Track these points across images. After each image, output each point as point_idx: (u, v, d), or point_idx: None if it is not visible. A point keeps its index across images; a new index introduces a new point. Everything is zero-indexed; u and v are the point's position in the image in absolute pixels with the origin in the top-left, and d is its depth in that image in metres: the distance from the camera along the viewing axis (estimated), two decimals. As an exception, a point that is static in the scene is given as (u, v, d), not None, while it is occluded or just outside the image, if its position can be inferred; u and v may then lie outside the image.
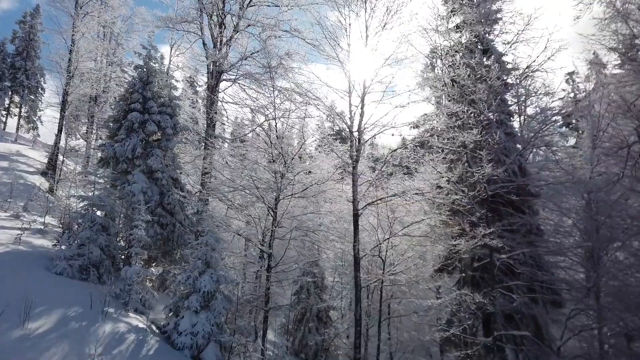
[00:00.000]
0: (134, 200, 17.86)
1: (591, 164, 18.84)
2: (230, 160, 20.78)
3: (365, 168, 18.53)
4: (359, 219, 17.26)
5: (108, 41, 36.78)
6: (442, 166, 17.45)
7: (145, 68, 20.57)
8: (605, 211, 16.15)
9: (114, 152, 18.95)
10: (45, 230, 19.05)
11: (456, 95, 17.96)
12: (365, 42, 17.82)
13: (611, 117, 18.20)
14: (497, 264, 15.42)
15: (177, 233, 19.37)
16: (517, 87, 19.07)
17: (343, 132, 18.20)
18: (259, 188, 17.37)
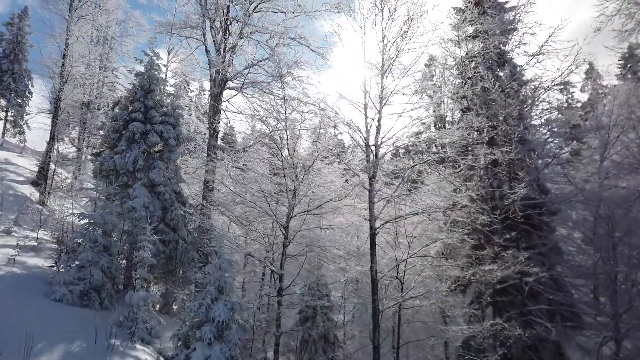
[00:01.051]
0: (135, 216, 16.79)
1: (599, 177, 18.30)
2: (236, 172, 19.69)
3: (382, 184, 17.59)
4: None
5: (101, 45, 35.60)
6: (465, 184, 16.62)
7: (147, 75, 19.54)
8: (623, 228, 15.55)
9: (114, 165, 17.86)
10: (39, 247, 17.89)
11: (481, 109, 17.18)
12: (382, 51, 16.99)
13: (620, 130, 17.71)
14: (526, 288, 14.60)
15: (180, 250, 18.31)
16: (536, 100, 18.33)
17: (357, 146, 17.19)
18: (269, 203, 16.36)
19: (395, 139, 16.59)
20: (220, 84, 22.78)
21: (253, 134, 22.22)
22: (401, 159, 17.35)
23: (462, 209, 15.93)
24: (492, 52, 18.94)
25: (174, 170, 19.46)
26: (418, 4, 15.76)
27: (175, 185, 19.32)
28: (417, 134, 18.10)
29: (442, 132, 16.58)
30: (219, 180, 19.79)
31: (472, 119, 16.28)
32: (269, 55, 21.33)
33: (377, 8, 17.18)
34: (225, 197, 21.36)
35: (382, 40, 16.99)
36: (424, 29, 16.84)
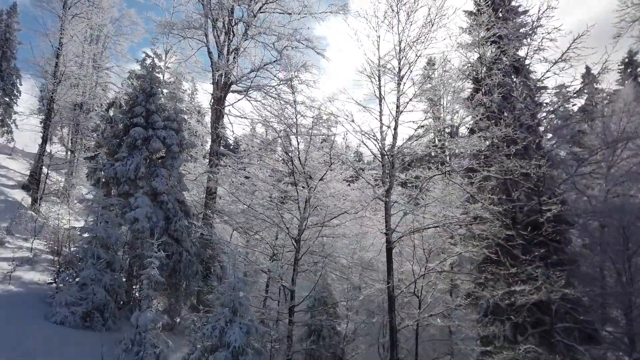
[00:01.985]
0: (137, 228, 15.85)
1: (605, 185, 17.79)
2: (242, 180, 18.85)
3: (397, 195, 16.82)
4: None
5: (95, 44, 34.44)
6: (488, 196, 15.89)
7: (149, 78, 18.60)
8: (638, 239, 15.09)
9: (115, 172, 16.89)
10: (35, 260, 16.95)
11: (500, 118, 16.48)
12: (398, 55, 16.23)
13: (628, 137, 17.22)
14: (553, 307, 13.94)
15: (184, 263, 17.38)
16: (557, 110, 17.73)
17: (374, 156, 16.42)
18: (281, 214, 15.56)
19: (412, 147, 15.90)
20: (223, 87, 21.89)
21: (258, 139, 21.30)
22: (418, 169, 16.57)
23: (483, 223, 15.19)
24: (510, 58, 18.29)
25: (177, 177, 18.52)
26: (438, 6, 15.00)
27: (178, 194, 18.39)
28: (434, 144, 17.22)
29: (461, 140, 15.81)
30: (226, 190, 18.84)
31: (494, 128, 15.60)
32: (276, 58, 20.45)
33: (393, 11, 16.45)
34: (230, 206, 20.55)
35: (398, 45, 16.26)
36: (447, 33, 16.24)
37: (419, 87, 15.46)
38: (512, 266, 15.95)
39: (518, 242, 15.50)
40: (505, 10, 20.07)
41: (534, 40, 18.11)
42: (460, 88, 18.38)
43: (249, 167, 20.93)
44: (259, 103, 21.26)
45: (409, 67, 15.68)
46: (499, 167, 14.72)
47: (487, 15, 17.55)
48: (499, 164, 14.72)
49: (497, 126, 16.07)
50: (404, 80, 16.03)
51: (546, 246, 16.40)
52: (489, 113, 16.95)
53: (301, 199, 16.05)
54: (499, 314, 17.05)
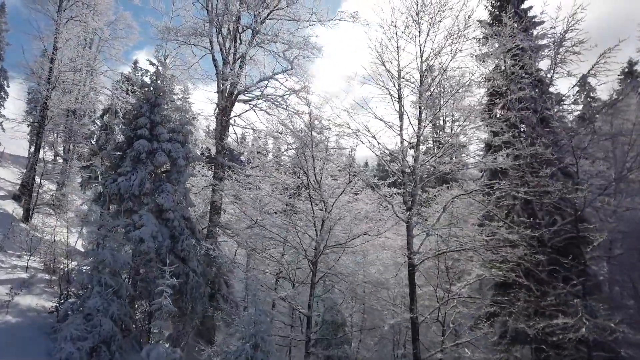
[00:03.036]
0: (143, 249, 14.85)
1: (615, 197, 17.24)
2: (252, 195, 17.93)
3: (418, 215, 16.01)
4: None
5: (89, 48, 33.23)
6: (515, 218, 15.15)
7: (153, 87, 17.63)
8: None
9: (118, 188, 15.86)
10: (31, 281, 15.81)
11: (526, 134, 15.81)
12: (419, 67, 15.47)
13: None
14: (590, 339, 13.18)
15: (191, 285, 16.37)
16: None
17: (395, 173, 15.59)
18: (298, 234, 14.68)
19: (435, 165, 15.12)
20: (228, 97, 20.95)
21: (268, 152, 20.40)
22: (439, 187, 15.81)
23: (512, 246, 14.42)
24: (531, 70, 17.61)
25: (182, 193, 17.53)
26: (466, 17, 14.29)
27: (184, 210, 17.40)
28: (460, 161, 16.46)
29: (487, 158, 15.03)
30: (236, 206, 17.87)
31: (522, 145, 14.90)
32: (286, 68, 19.56)
33: (414, 21, 15.70)
34: (237, 222, 19.61)
35: (420, 56, 15.50)
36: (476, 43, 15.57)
37: (446, 100, 14.60)
38: (538, 290, 15.31)
39: (545, 266, 14.87)
40: (526, 21, 19.47)
41: (558, 53, 17.44)
42: (461, 96, 17.42)
43: (257, 181, 20.10)
44: (269, 114, 20.34)
45: (433, 79, 14.92)
46: (534, 188, 13.96)
47: (510, 27, 16.83)
48: (533, 185, 13.99)
49: (522, 143, 15.46)
50: (426, 93, 15.32)
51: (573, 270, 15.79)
52: (512, 129, 16.26)
53: (317, 218, 15.17)
54: (521, 339, 16.39)
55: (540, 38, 19.22)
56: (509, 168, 14.86)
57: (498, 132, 15.31)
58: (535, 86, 18.00)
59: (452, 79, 14.98)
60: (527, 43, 17.86)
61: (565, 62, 17.78)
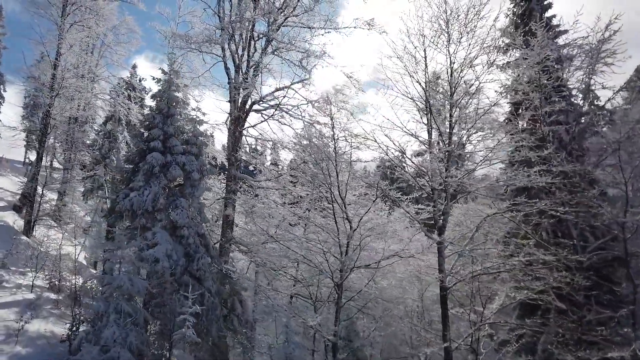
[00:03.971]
0: (157, 269, 13.98)
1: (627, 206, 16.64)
2: (268, 211, 17.12)
3: (452, 233, 15.23)
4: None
5: (91, 53, 32.33)
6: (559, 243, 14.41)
7: (166, 97, 16.79)
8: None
9: (131, 204, 15.00)
10: (37, 303, 14.90)
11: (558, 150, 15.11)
12: (449, 78, 14.74)
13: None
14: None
15: (207, 306, 15.47)
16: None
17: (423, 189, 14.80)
18: (325, 253, 13.86)
19: (469, 181, 14.35)
20: (241, 107, 20.13)
21: (284, 165, 19.59)
22: (470, 204, 15.06)
23: (549, 268, 13.68)
24: (560, 82, 16.95)
25: (197, 208, 16.68)
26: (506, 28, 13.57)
27: (198, 227, 16.55)
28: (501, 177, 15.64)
29: (518, 174, 14.23)
30: (252, 219, 17.06)
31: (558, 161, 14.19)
32: (305, 77, 18.78)
33: (443, 30, 15.00)
34: (252, 237, 18.82)
35: (449, 67, 14.78)
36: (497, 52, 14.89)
37: (481, 115, 13.84)
38: (574, 314, 14.60)
39: (582, 289, 14.15)
40: (550, 30, 18.80)
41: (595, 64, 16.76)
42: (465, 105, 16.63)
43: (272, 194, 19.32)
44: (283, 124, 19.53)
45: (467, 91, 14.18)
46: (576, 208, 13.22)
47: (540, 38, 16.13)
48: (573, 203, 13.26)
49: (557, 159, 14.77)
50: (457, 105, 14.59)
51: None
52: (542, 143, 15.53)
53: (342, 237, 14.36)
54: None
55: (569, 47, 18.55)
56: (545, 185, 14.12)
57: (529, 147, 14.52)
58: (564, 97, 17.38)
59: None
60: (556, 54, 17.29)
61: (596, 74, 17.21)
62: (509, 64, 19.58)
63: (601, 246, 14.68)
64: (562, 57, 17.17)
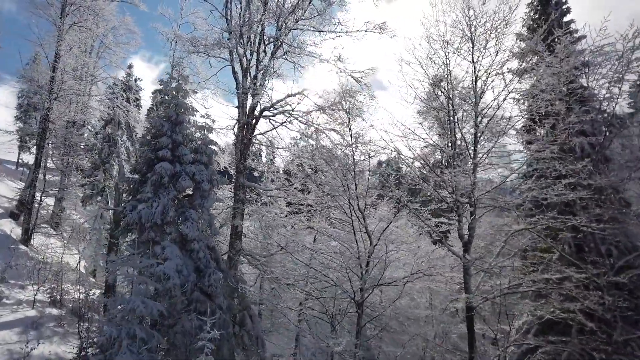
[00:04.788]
0: (169, 287, 13.24)
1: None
2: (283, 222, 16.43)
3: (479, 249, 14.60)
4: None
5: (89, 54, 31.44)
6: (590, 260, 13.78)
7: (174, 103, 16.05)
8: None
9: (139, 217, 14.26)
10: (40, 322, 14.15)
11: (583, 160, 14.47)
12: (474, 85, 14.14)
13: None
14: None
15: (218, 324, 14.73)
16: None
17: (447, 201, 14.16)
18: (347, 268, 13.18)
19: (493, 194, 13.73)
20: (250, 112, 19.39)
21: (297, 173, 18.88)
22: (497, 220, 14.44)
23: (577, 287, 13.07)
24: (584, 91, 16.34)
25: (207, 220, 15.94)
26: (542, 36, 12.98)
27: (209, 239, 15.82)
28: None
29: (549, 190, 13.60)
30: (262, 230, 16.35)
31: (587, 174, 13.57)
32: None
33: (467, 37, 14.40)
34: (262, 249, 18.11)
35: (474, 74, 14.18)
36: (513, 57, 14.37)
37: (511, 126, 13.21)
38: (603, 333, 14.01)
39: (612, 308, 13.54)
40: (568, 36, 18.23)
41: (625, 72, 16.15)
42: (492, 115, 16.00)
43: (282, 203, 18.65)
44: (293, 131, 18.86)
45: (496, 101, 13.56)
46: (610, 224, 12.62)
47: (563, 45, 15.53)
48: (606, 220, 12.66)
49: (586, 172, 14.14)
50: (482, 116, 13.98)
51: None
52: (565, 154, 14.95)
53: (362, 253, 13.70)
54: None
55: (593, 54, 17.96)
56: (576, 199, 13.54)
57: (558, 158, 13.93)
58: (585, 104, 16.81)
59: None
60: (579, 61, 16.71)
61: (622, 82, 16.63)
62: (526, 70, 19.04)
63: (630, 263, 14.11)
64: (584, 64, 16.59)
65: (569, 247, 16.37)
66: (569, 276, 12.99)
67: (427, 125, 16.74)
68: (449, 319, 17.93)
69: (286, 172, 20.02)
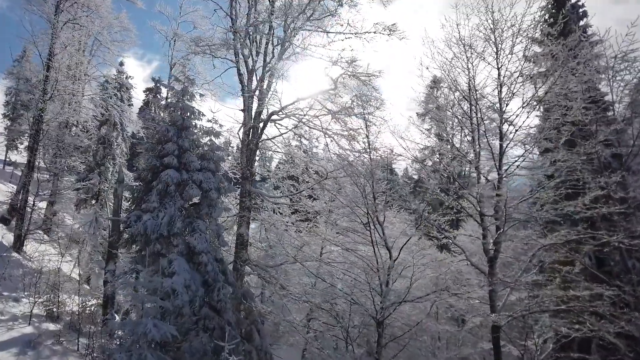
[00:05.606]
0: (177, 304, 12.41)
1: None
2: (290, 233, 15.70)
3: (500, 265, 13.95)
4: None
5: (82, 53, 30.31)
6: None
7: (180, 107, 15.22)
8: None
9: (145, 229, 13.42)
10: (38, 341, 13.25)
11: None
12: (498, 91, 13.50)
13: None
14: None
15: (228, 341, 13.94)
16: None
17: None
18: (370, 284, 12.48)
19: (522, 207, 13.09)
20: (256, 116, 18.56)
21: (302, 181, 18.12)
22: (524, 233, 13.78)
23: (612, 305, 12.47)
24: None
25: (215, 231, 15.13)
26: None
27: (217, 251, 15.01)
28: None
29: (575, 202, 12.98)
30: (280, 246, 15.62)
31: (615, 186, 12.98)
32: (331, 87, 17.30)
33: (488, 40, 13.76)
34: (268, 258, 17.36)
35: (499, 79, 13.54)
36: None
37: (543, 136, 12.57)
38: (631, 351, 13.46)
39: None
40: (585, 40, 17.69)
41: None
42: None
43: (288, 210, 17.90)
44: (305, 139, 18.09)
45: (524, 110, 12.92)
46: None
47: (586, 52, 14.94)
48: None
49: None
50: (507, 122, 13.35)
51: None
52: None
53: (381, 268, 13.00)
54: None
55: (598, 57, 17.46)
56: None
57: (588, 170, 13.34)
58: (604, 112, 16.25)
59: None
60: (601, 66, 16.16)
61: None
62: (540, 74, 18.48)
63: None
64: (604, 69, 16.06)
65: (589, 259, 15.84)
66: (600, 293, 12.36)
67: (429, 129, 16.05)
68: (467, 335, 17.29)
69: (291, 177, 19.19)
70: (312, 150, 20.94)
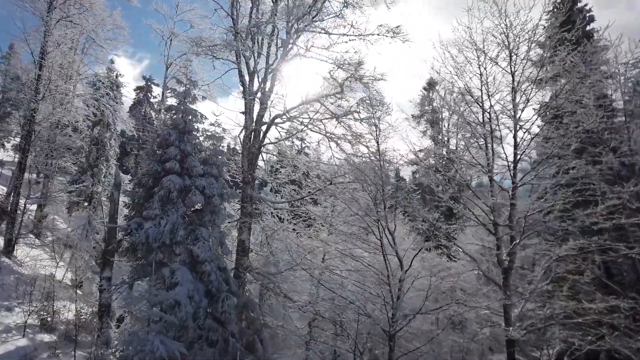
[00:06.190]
0: (181, 316, 11.90)
1: None
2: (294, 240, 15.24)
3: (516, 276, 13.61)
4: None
5: (75, 51, 29.52)
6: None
7: (183, 110, 14.72)
8: None
9: (146, 237, 12.88)
10: (33, 354, 12.66)
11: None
12: (512, 97, 13.15)
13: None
14: None
15: (231, 353, 13.49)
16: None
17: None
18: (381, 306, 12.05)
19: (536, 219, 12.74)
20: (258, 119, 18.06)
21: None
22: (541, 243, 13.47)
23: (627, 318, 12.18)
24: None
25: (218, 238, 14.64)
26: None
27: (220, 260, 14.52)
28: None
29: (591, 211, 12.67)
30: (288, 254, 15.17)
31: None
32: (337, 90, 16.85)
33: (502, 44, 13.42)
34: (271, 265, 16.90)
35: (513, 84, 13.18)
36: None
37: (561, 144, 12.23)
38: None
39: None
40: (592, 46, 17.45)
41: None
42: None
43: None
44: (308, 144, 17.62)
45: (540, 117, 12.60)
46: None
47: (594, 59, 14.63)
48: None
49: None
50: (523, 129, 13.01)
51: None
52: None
53: (392, 279, 12.57)
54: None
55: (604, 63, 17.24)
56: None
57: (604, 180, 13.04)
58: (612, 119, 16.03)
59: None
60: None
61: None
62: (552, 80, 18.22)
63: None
64: (612, 75, 15.85)
65: (598, 269, 15.57)
66: (617, 305, 12.05)
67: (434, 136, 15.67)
68: (474, 345, 16.95)
69: (293, 182, 18.72)
70: (317, 156, 20.37)
